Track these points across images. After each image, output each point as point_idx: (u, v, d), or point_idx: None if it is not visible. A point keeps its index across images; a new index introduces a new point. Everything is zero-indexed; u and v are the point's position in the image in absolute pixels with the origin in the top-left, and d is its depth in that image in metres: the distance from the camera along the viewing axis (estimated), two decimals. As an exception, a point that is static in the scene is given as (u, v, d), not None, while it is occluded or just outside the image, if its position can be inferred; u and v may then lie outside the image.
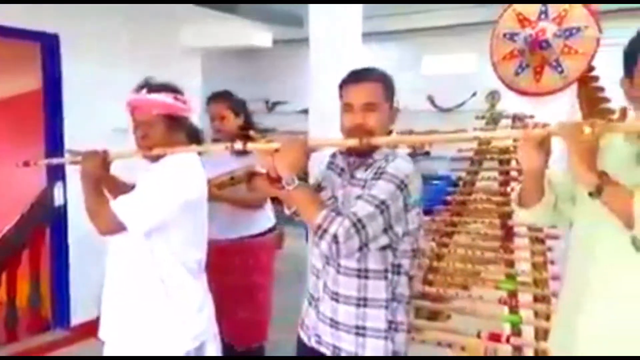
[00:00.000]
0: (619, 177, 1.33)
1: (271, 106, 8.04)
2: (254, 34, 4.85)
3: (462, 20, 6.25)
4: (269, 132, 7.22)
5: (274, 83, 7.73)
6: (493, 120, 3.00)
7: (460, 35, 6.47)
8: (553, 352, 1.60)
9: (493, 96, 6.05)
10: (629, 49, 1.39)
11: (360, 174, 1.69)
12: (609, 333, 1.39)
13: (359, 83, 1.68)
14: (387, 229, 1.58)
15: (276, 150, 1.63)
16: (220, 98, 2.81)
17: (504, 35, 2.94)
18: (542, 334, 2.46)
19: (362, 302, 1.66)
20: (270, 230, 2.84)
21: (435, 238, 2.87)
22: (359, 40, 3.36)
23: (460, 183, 3.03)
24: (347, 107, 1.68)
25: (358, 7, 3.31)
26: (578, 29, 2.74)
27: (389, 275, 1.66)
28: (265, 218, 2.82)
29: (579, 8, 2.74)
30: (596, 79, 2.96)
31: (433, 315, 3.13)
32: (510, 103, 3.20)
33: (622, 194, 1.29)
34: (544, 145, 1.42)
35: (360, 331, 1.66)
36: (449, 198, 2.97)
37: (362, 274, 1.66)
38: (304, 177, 1.66)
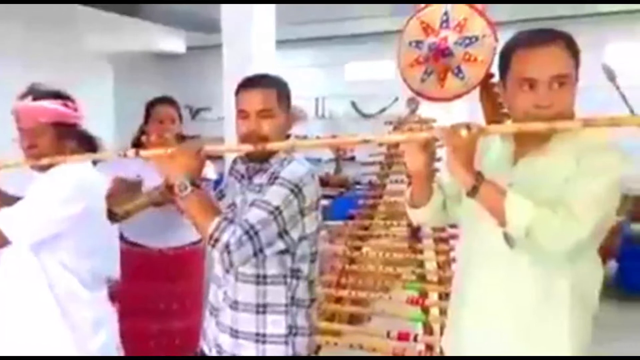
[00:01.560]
0: (495, 177, 1.40)
1: (194, 113, 7.92)
2: (166, 39, 4.77)
3: (383, 27, 6.42)
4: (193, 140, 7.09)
5: (197, 89, 7.63)
6: (401, 125, 3.09)
7: (382, 42, 6.64)
8: (445, 352, 1.65)
9: (412, 102, 6.22)
10: (503, 52, 1.47)
11: (257, 179, 1.69)
12: (488, 329, 1.45)
13: (253, 89, 1.68)
14: (282, 234, 1.59)
15: (170, 157, 1.60)
16: (168, 101, 2.75)
17: (410, 43, 3.03)
18: (447, 331, 2.53)
19: (262, 308, 1.66)
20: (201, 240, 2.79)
21: (347, 242, 2.92)
22: (272, 46, 3.37)
23: (372, 187, 3.10)
24: (241, 114, 1.68)
25: (271, 13, 3.33)
26: (477, 38, 2.86)
27: (288, 280, 1.67)
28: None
29: (477, 18, 2.87)
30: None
31: (353, 319, 3.18)
32: (429, 109, 3.31)
33: (495, 194, 1.35)
34: (428, 148, 1.47)
35: (260, 338, 1.66)
36: (360, 202, 3.03)
37: (261, 280, 1.66)
38: (199, 184, 1.64)
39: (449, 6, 2.88)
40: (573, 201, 1.29)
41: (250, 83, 1.70)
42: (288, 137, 1.75)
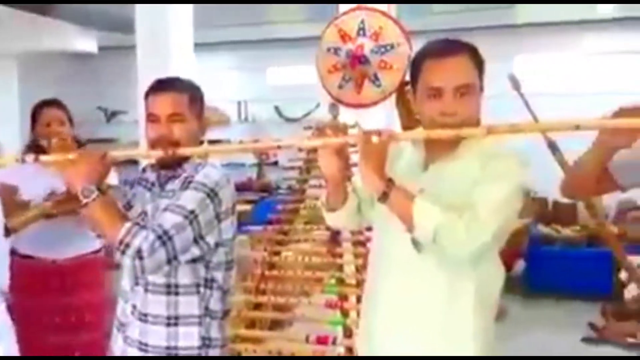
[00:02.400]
0: (407, 182, 1.44)
1: (110, 116, 7.60)
2: (77, 38, 4.55)
3: (303, 33, 6.46)
4: (108, 144, 6.82)
5: (111, 91, 7.33)
6: (320, 130, 3.11)
7: (304, 47, 6.68)
8: (358, 354, 1.68)
9: (334, 107, 6.30)
10: (413, 61, 1.52)
11: (170, 185, 1.64)
12: (397, 331, 1.49)
13: (163, 93, 1.63)
14: (198, 239, 1.55)
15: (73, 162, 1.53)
16: (55, 103, 2.60)
17: (328, 49, 3.07)
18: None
19: (173, 320, 1.61)
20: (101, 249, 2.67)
21: (267, 247, 2.90)
22: (190, 48, 3.30)
23: (292, 192, 3.10)
24: (151, 118, 1.63)
25: (189, 14, 3.26)
26: (392, 46, 2.95)
27: (202, 289, 1.62)
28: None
29: (392, 26, 2.96)
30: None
31: (275, 325, 3.16)
32: (350, 114, 3.36)
33: (405, 199, 1.39)
34: (341, 153, 1.49)
35: (172, 352, 1.60)
36: (280, 207, 3.02)
37: (172, 290, 1.61)
38: (105, 190, 1.57)
39: (365, 14, 2.95)
40: (477, 206, 1.35)
41: (160, 86, 1.65)
42: (202, 142, 1.71)
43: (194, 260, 1.58)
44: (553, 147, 3.01)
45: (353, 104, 3.09)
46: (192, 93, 1.67)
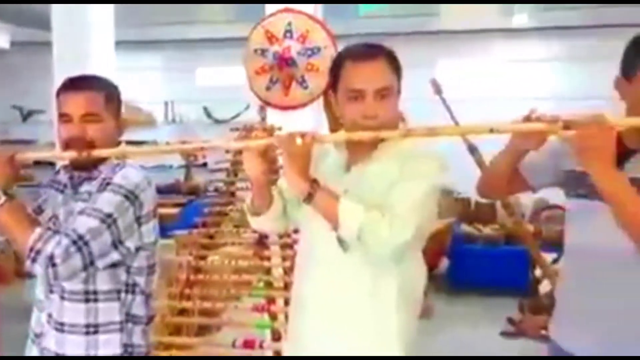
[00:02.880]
0: (331, 183, 1.45)
1: (26, 115, 7.17)
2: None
3: (232, 33, 6.38)
4: (25, 145, 6.45)
5: (27, 90, 6.92)
6: (248, 132, 3.08)
7: (233, 47, 6.60)
8: (285, 354, 1.67)
9: (263, 109, 6.26)
10: (334, 64, 1.53)
11: (85, 187, 1.57)
12: (323, 330, 1.50)
13: (77, 92, 1.56)
14: (117, 244, 1.50)
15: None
16: None
17: (255, 50, 3.06)
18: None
19: (93, 328, 1.54)
20: None
21: (193, 251, 2.84)
22: (111, 47, 3.18)
23: (219, 194, 3.05)
24: (64, 118, 1.56)
25: (109, 12, 3.13)
26: (319, 49, 2.98)
27: (123, 295, 1.57)
28: None
29: (319, 30, 2.99)
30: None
31: (202, 330, 3.09)
32: (278, 117, 3.34)
33: (329, 200, 1.40)
34: (265, 155, 1.48)
35: None
36: (206, 210, 2.97)
37: (91, 297, 1.54)
38: (14, 194, 1.48)
39: (292, 17, 2.96)
40: (397, 205, 1.38)
41: (73, 85, 1.58)
42: (119, 143, 1.65)
43: (114, 265, 1.53)
44: (472, 149, 3.16)
45: (281, 105, 3.09)
46: (109, 92, 1.61)
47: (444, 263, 5.34)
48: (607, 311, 1.46)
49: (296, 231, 2.35)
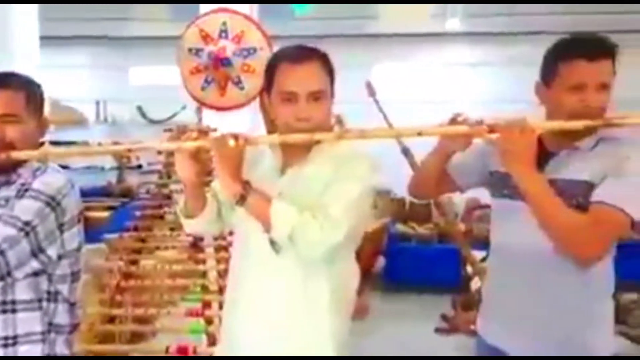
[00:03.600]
0: (266, 186, 1.45)
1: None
2: None
3: (167, 32, 6.24)
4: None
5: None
6: (182, 133, 3.02)
7: (169, 46, 6.46)
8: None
9: (200, 110, 6.16)
10: (267, 66, 1.52)
11: (3, 192, 1.48)
12: (256, 332, 1.49)
13: None
14: (37, 252, 1.42)
15: None
16: None
17: (189, 50, 3.00)
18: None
19: (11, 340, 1.46)
20: None
21: (123, 256, 2.74)
22: (35, 43, 3.02)
23: (152, 196, 2.97)
24: None
25: (33, 7, 2.98)
26: (254, 50, 2.96)
27: (44, 304, 1.50)
28: None
29: (254, 30, 2.97)
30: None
31: (136, 338, 2.99)
32: (215, 117, 3.29)
33: (262, 202, 1.40)
34: (198, 157, 1.46)
35: None
36: (138, 213, 2.88)
37: (9, 307, 1.46)
38: None
39: (227, 16, 2.93)
40: (329, 206, 1.39)
41: None
42: (42, 144, 1.57)
43: (34, 274, 1.46)
44: (405, 151, 3.24)
45: (216, 106, 3.05)
46: (29, 90, 1.54)
47: (380, 262, 5.42)
48: (526, 307, 1.53)
49: (231, 233, 2.33)
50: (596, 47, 1.44)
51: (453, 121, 1.50)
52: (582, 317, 1.49)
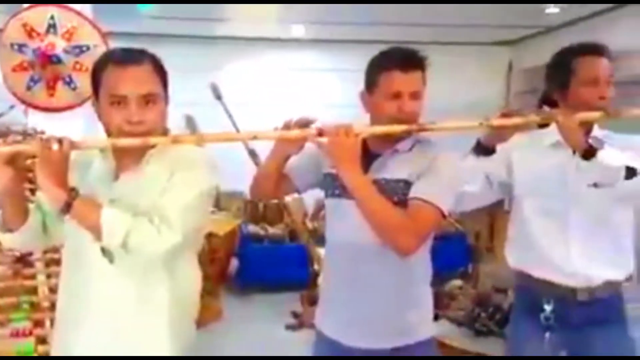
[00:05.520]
0: (98, 192, 1.40)
1: None
2: None
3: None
4: None
5: None
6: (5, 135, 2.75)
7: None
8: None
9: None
10: (95, 68, 1.48)
11: None
12: (90, 342, 1.43)
13: None
14: None
15: None
16: None
17: (12, 45, 2.73)
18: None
19: None
20: None
21: None
22: None
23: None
24: None
25: None
26: (88, 47, 2.79)
27: None
28: None
29: (88, 27, 2.80)
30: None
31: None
32: (44, 119, 3.02)
33: (91, 208, 1.34)
34: (15, 162, 1.35)
35: None
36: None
37: None
38: None
39: (55, 10, 2.72)
40: (166, 210, 1.37)
41: None
42: None
43: None
44: (252, 154, 3.28)
45: (45, 107, 2.81)
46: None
47: (234, 264, 5.41)
48: (357, 299, 1.65)
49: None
50: (409, 60, 1.60)
51: (286, 126, 1.57)
52: (404, 303, 1.64)
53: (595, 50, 1.77)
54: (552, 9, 5.07)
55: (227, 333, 4.13)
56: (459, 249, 5.28)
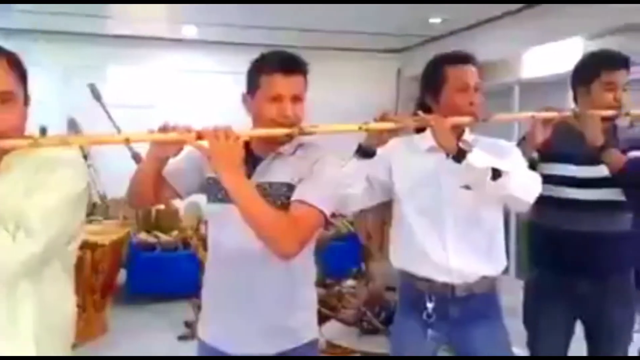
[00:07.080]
0: None
1: None
2: None
3: None
4: None
5: None
6: None
7: None
8: None
9: None
10: None
11: None
12: None
13: None
14: None
15: None
16: None
17: None
18: None
19: None
20: None
21: None
22: None
23: None
24: None
25: None
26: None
27: None
28: None
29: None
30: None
31: None
32: None
33: None
34: None
35: None
36: None
37: None
38: None
39: None
40: (27, 217, 1.28)
41: None
42: None
43: None
44: (137, 158, 3.13)
45: None
46: None
47: (122, 275, 5.14)
48: (239, 304, 1.62)
49: None
50: (290, 63, 1.59)
51: (163, 128, 1.50)
52: (287, 306, 1.63)
53: (464, 59, 1.88)
54: (434, 19, 5.36)
55: (113, 346, 3.93)
56: (353, 249, 5.39)
